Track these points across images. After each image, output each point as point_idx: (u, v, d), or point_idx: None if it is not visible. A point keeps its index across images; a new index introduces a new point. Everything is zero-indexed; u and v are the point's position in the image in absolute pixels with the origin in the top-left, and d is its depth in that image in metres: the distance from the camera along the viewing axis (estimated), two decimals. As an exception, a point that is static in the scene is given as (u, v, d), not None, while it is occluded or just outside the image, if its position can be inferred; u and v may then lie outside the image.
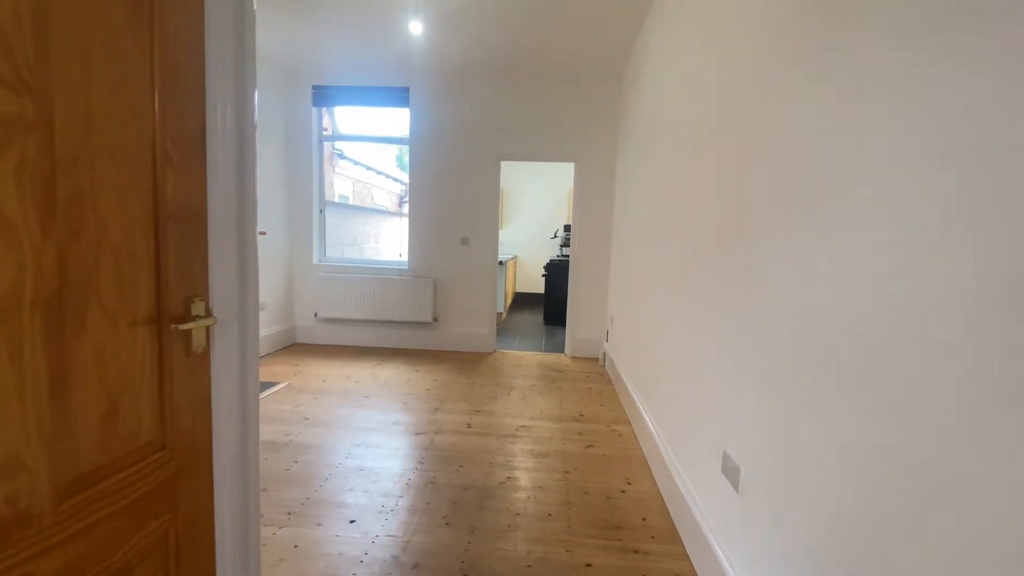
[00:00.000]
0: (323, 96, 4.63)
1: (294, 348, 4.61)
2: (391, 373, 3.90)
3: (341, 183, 9.28)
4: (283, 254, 4.64)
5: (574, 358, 4.57)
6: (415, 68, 4.38)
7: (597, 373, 4.09)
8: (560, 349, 4.85)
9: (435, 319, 4.69)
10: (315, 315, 4.76)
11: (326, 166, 8.81)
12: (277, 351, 4.49)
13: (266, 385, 3.49)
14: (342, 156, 9.17)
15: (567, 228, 7.07)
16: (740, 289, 1.50)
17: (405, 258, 4.74)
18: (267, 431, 2.70)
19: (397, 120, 4.96)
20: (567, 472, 2.37)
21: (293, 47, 4.05)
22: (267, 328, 4.41)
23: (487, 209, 4.56)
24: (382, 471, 2.31)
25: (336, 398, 3.28)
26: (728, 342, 1.57)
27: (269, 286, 4.43)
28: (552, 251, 8.09)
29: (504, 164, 7.98)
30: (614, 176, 4.39)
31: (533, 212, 8.13)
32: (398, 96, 4.56)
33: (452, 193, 4.57)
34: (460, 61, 4.16)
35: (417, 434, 2.74)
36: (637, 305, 3.06)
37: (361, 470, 2.30)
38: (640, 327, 2.95)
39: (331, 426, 2.82)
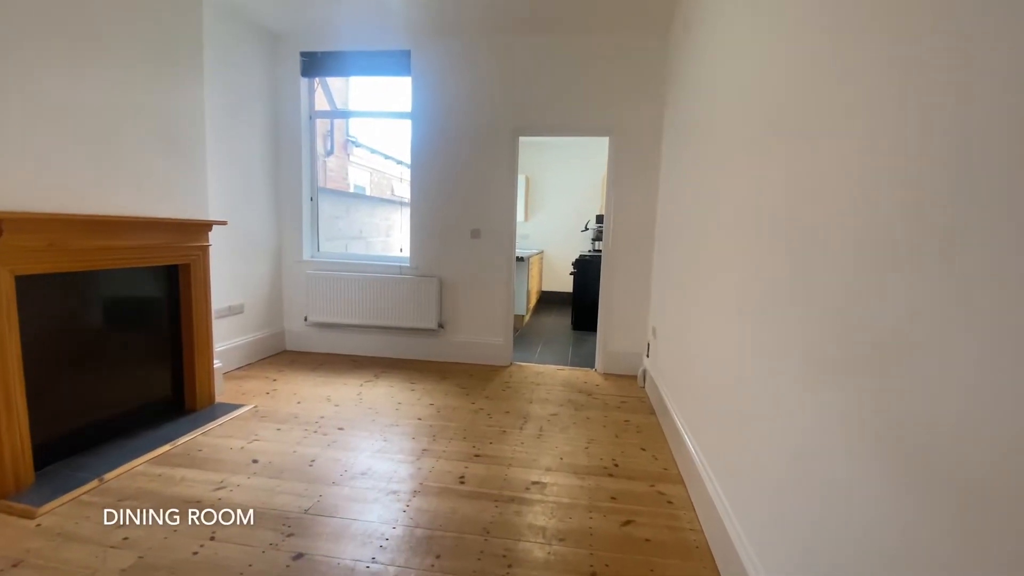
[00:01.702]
0: (313, 64, 3.96)
1: (280, 357, 4.00)
2: (381, 393, 3.20)
3: (357, 173, 8.70)
4: (269, 249, 4.02)
5: (606, 375, 3.75)
6: (417, 26, 3.64)
7: (635, 397, 3.27)
8: (590, 363, 4.04)
9: (441, 325, 3.96)
10: (304, 319, 4.12)
11: (339, 154, 8.25)
12: (259, 360, 3.88)
13: (227, 408, 2.85)
14: (357, 144, 8.58)
15: (600, 219, 6.22)
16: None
17: (407, 254, 4.03)
18: (195, 484, 2.03)
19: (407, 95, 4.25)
20: (594, 575, 1.59)
21: (279, 4, 3.38)
22: (248, 334, 3.80)
23: (503, 195, 3.79)
24: (319, 570, 1.59)
25: (303, 430, 2.60)
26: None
27: (250, 285, 3.82)
28: (583, 244, 7.24)
29: (529, 148, 7.23)
30: (659, 153, 3.53)
31: (563, 201, 7.30)
32: (398, 62, 3.84)
33: (461, 176, 3.82)
34: (470, 14, 3.40)
35: (389, 494, 2.02)
36: (695, 320, 2.23)
37: (287, 568, 1.59)
38: (700, 349, 2.13)
39: (281, 475, 2.13)
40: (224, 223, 2.88)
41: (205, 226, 2.82)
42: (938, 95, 0.76)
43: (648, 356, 3.48)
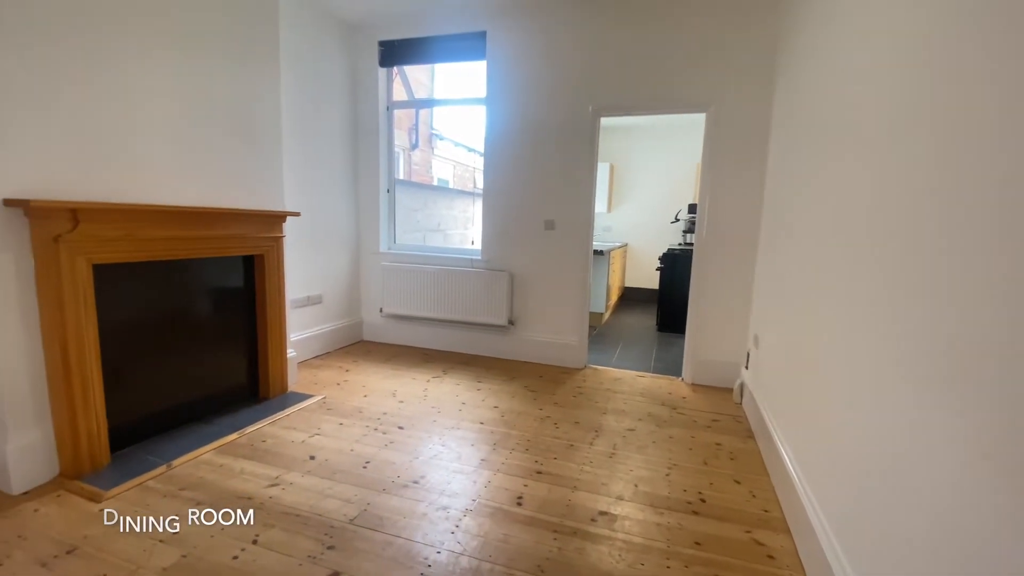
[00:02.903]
0: (391, 53, 3.91)
1: (356, 347, 4.03)
2: (446, 391, 3.06)
3: (441, 166, 8.79)
4: (348, 240, 4.06)
5: (695, 386, 3.31)
6: (494, 4, 3.43)
7: (730, 415, 2.82)
8: (676, 370, 3.61)
9: (511, 322, 3.75)
10: (380, 311, 4.13)
11: (423, 148, 8.36)
12: (337, 350, 3.94)
13: (297, 398, 2.87)
14: (441, 137, 8.65)
15: (692, 209, 5.65)
16: None
17: (478, 246, 3.87)
18: (251, 478, 2.00)
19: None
20: (668, 648, 1.28)
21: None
22: (326, 324, 3.87)
23: (580, 183, 3.47)
24: (357, 587, 1.44)
25: (364, 427, 2.52)
26: None
27: (329, 276, 3.87)
28: (673, 237, 6.67)
29: (614, 133, 6.76)
30: (766, 135, 3.01)
31: (651, 190, 6.75)
32: (474, 45, 3.66)
33: (535, 164, 3.56)
34: (547, -16, 3.11)
35: (439, 509, 1.84)
36: (814, 332, 1.79)
37: (323, 584, 1.46)
38: (818, 367, 1.70)
39: (334, 476, 2.04)
40: (297, 214, 2.88)
41: (279, 217, 2.83)
42: None
43: (747, 368, 3.00)
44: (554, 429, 2.55)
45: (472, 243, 4.50)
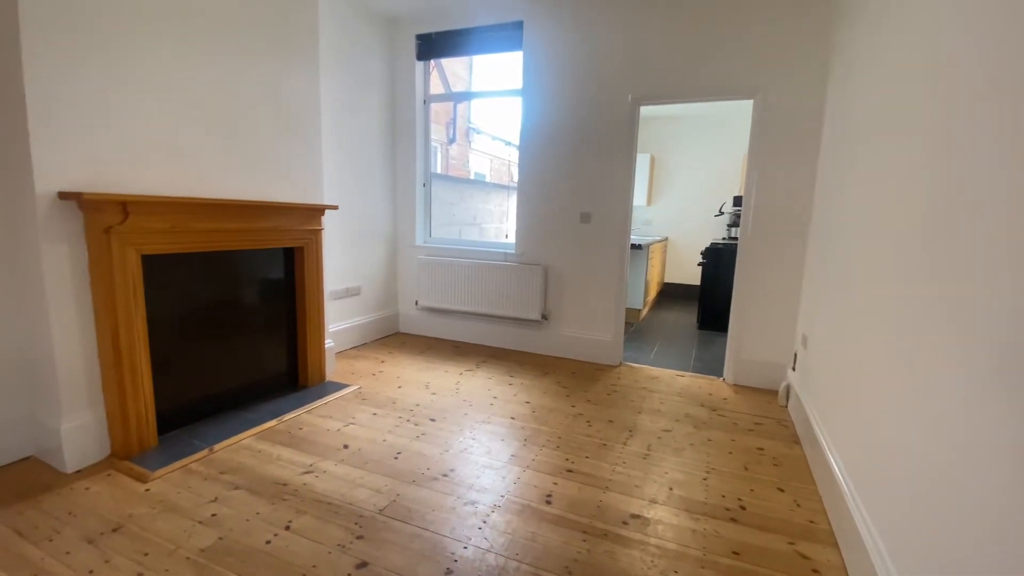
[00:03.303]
0: (428, 46, 3.91)
1: (393, 339, 4.09)
2: (478, 385, 3.05)
3: (478, 160, 8.79)
4: (385, 233, 4.11)
5: (737, 387, 3.17)
6: (530, -8, 3.37)
7: (774, 419, 2.68)
8: (716, 370, 3.47)
9: (544, 317, 3.70)
10: (415, 303, 4.16)
11: (460, 142, 8.38)
12: (373, 341, 4.00)
13: (335, 387, 2.94)
14: (478, 131, 8.65)
15: (738, 201, 5.41)
16: None
17: (512, 240, 3.83)
18: (287, 465, 2.05)
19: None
20: (702, 663, 1.21)
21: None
22: (364, 315, 3.94)
23: (618, 174, 3.37)
24: (383, 578, 1.44)
25: (397, 417, 2.54)
26: None
27: (366, 268, 3.94)
28: (716, 231, 6.42)
29: (656, 123, 6.55)
30: (819, 125, 2.82)
31: (693, 182, 6.51)
32: (510, 35, 3.60)
33: (571, 155, 3.49)
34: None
35: (467, 504, 1.82)
36: (870, 335, 1.65)
37: (350, 575, 1.46)
38: (874, 371, 1.57)
39: (365, 465, 2.06)
40: (335, 207, 2.93)
41: (318, 210, 2.88)
42: None
43: (794, 369, 2.84)
44: (586, 427, 2.50)
45: (507, 237, 4.47)
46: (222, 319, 2.49)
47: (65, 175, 1.80)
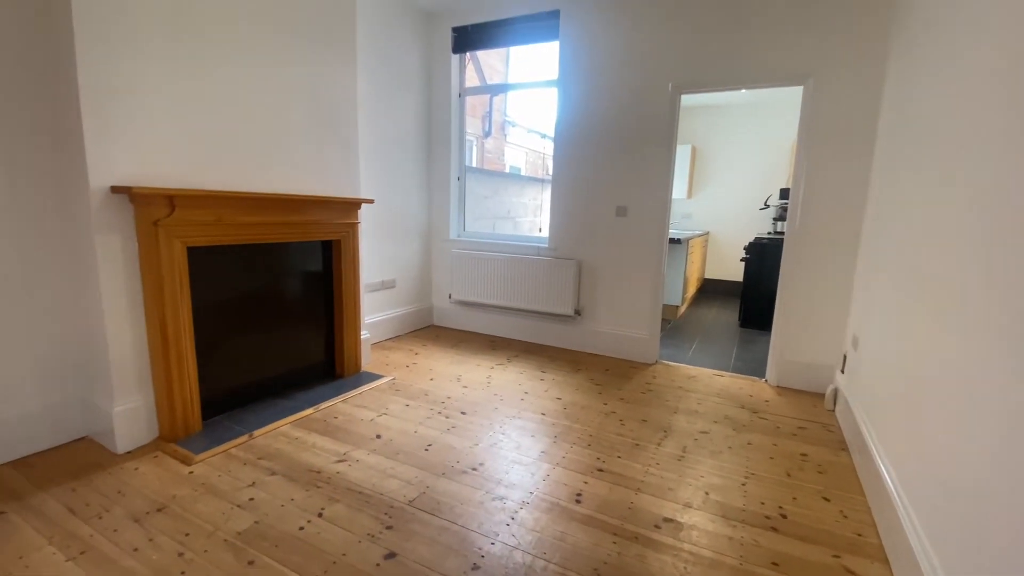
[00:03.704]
0: (463, 39, 3.89)
1: (426, 331, 4.13)
2: (510, 379, 3.03)
3: (514, 153, 8.75)
4: (419, 227, 4.14)
5: (780, 389, 3.03)
6: (567, -20, 3.29)
7: (820, 424, 2.54)
8: (759, 371, 3.33)
9: (577, 312, 3.65)
10: (449, 296, 4.19)
11: (496, 135, 8.36)
12: (408, 333, 4.06)
13: (369, 378, 2.99)
14: (514, 124, 8.60)
15: (785, 194, 5.17)
16: None
17: (545, 233, 3.78)
18: (322, 452, 2.10)
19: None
20: None
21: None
22: (398, 308, 3.99)
23: (656, 166, 3.26)
24: None
25: (428, 409, 2.56)
26: None
27: (402, 261, 3.98)
28: (761, 225, 6.16)
29: (697, 113, 6.31)
30: (877, 108, 2.63)
31: (737, 174, 6.26)
32: (546, 25, 3.54)
33: (607, 146, 3.40)
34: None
35: (496, 499, 1.81)
36: (929, 338, 1.53)
37: (376, 567, 1.47)
38: (935, 377, 1.45)
39: (397, 456, 2.08)
40: (371, 201, 2.97)
41: (355, 204, 2.93)
42: None
43: (843, 372, 2.68)
44: (619, 426, 2.44)
45: (540, 231, 4.42)
46: (262, 309, 2.56)
47: (117, 170, 1.89)
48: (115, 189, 1.87)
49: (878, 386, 2.00)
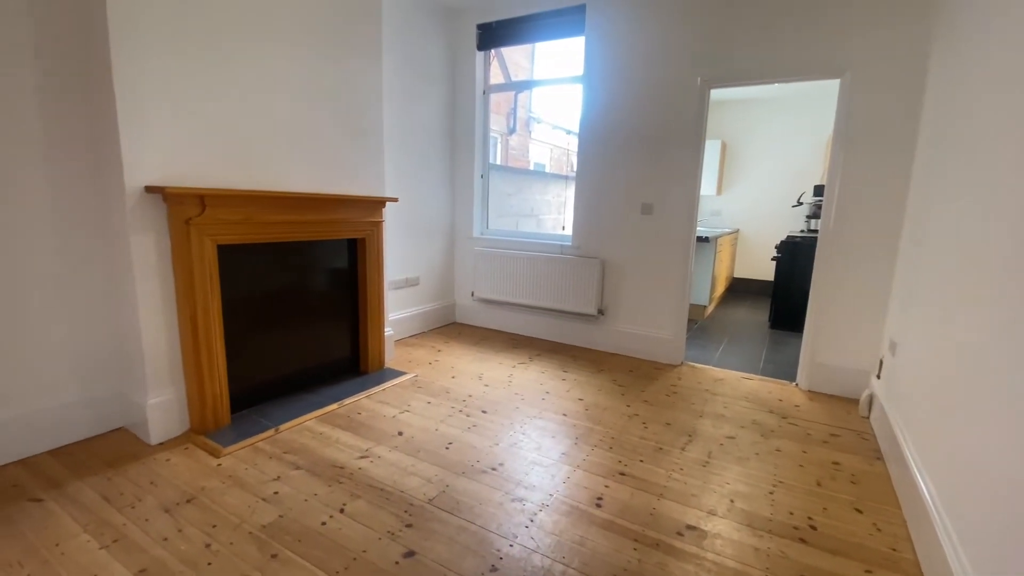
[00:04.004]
0: (488, 36, 3.88)
1: (449, 328, 4.15)
2: (531, 378, 3.02)
3: (538, 150, 8.70)
4: (443, 225, 4.16)
5: (812, 394, 2.93)
6: (594, -26, 3.24)
7: (853, 431, 2.44)
8: (789, 374, 3.22)
9: (601, 311, 3.60)
10: (471, 294, 4.20)
11: (521, 132, 8.32)
12: (431, 330, 4.09)
13: (393, 374, 3.02)
14: (539, 121, 8.55)
15: (819, 191, 4.99)
16: None
17: (569, 231, 3.74)
18: (345, 448, 2.13)
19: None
20: None
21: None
22: (422, 305, 4.02)
23: (684, 163, 3.18)
24: None
25: (450, 407, 2.57)
26: None
27: (425, 259, 4.01)
28: (794, 223, 5.97)
29: (728, 108, 6.14)
30: (919, 101, 2.50)
31: (769, 170, 6.07)
32: (572, 20, 3.49)
33: (632, 143, 3.34)
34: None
35: (515, 500, 1.80)
36: (980, 344, 1.44)
37: (395, 565, 1.48)
38: (980, 387, 1.37)
39: (417, 453, 2.10)
40: (395, 200, 2.99)
41: (379, 203, 2.95)
42: None
43: (879, 377, 2.57)
44: (642, 429, 2.40)
45: (563, 228, 4.39)
46: (289, 306, 2.61)
47: (150, 171, 1.94)
48: (149, 189, 1.93)
49: (917, 393, 1.91)
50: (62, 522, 1.59)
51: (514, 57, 7.28)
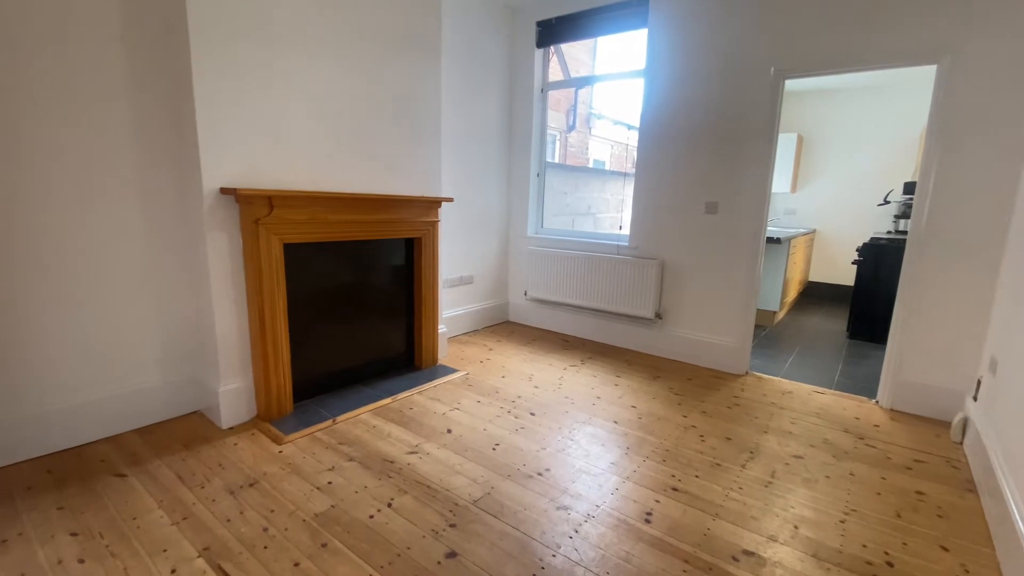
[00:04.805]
0: (548, 32, 3.83)
1: (502, 327, 4.16)
2: (582, 382, 2.96)
3: (598, 147, 8.53)
4: (497, 223, 4.17)
5: (894, 413, 2.66)
6: (658, -37, 3.10)
7: (942, 458, 2.19)
8: (868, 390, 2.95)
9: (658, 315, 3.46)
10: (524, 294, 4.18)
11: (580, 129, 8.18)
12: (483, 328, 4.12)
13: (445, 371, 3.07)
14: (599, 117, 8.37)
15: (909, 189, 4.53)
16: None
17: (626, 231, 3.63)
18: (396, 442, 2.18)
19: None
20: None
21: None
22: (475, 303, 4.06)
23: (754, 159, 2.99)
24: None
25: (499, 407, 2.57)
26: None
27: (479, 257, 4.04)
28: (879, 223, 5.46)
29: (804, 99, 5.70)
30: (1039, 79, 2.19)
31: (850, 166, 5.59)
32: (634, 12, 3.37)
33: (696, 138, 3.17)
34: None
35: (560, 509, 1.77)
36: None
37: (438, 565, 1.50)
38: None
39: (465, 452, 2.11)
40: (451, 200, 3.03)
41: (436, 203, 3.00)
42: None
43: (976, 399, 2.29)
44: (699, 442, 2.28)
45: (620, 228, 4.27)
46: (349, 302, 2.72)
47: (225, 173, 2.08)
48: (223, 191, 2.07)
49: (1021, 419, 1.67)
50: (141, 497, 1.74)
51: (574, 53, 7.16)
